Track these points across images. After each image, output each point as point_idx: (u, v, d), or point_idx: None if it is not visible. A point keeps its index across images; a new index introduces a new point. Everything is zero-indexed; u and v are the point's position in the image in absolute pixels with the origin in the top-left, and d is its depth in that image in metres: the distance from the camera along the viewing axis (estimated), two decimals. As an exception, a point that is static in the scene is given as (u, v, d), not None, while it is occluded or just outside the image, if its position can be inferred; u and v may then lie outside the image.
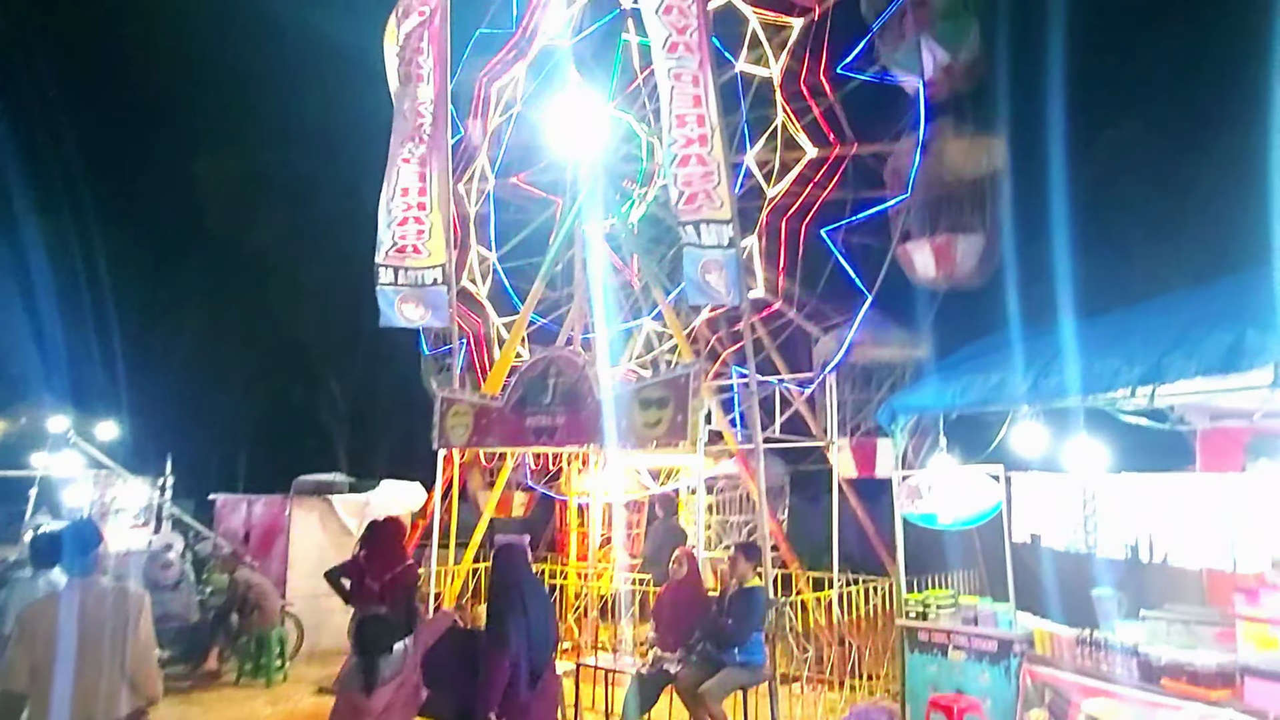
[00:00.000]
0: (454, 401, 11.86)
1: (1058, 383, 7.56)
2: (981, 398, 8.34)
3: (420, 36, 13.41)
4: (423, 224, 13.30)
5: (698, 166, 10.40)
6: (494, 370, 16.27)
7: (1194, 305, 7.53)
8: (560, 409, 10.64)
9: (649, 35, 10.84)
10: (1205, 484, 7.29)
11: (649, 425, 9.82)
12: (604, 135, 17.35)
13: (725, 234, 10.43)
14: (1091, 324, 8.65)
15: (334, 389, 38.15)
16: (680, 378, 9.75)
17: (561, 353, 11.23)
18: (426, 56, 13.40)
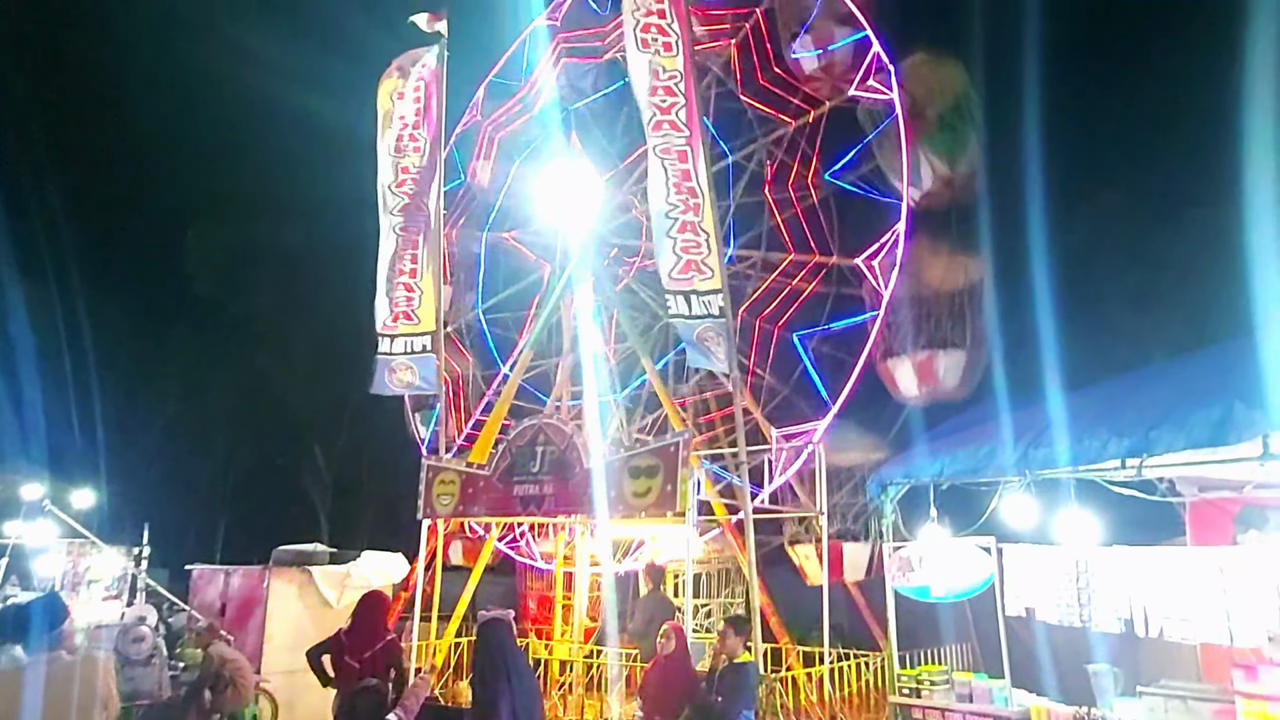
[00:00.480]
0: (440, 470, 11.74)
1: (1047, 454, 7.57)
2: (972, 467, 8.32)
3: (414, 110, 13.68)
4: (413, 291, 13.39)
5: (690, 236, 10.55)
6: (480, 438, 16.16)
7: (1179, 378, 7.60)
8: (549, 477, 10.56)
9: (640, 109, 11.10)
10: (1197, 557, 7.25)
11: (638, 494, 9.75)
12: (598, 205, 17.60)
13: (716, 303, 10.53)
14: (1079, 396, 8.71)
15: (318, 455, 37.72)
16: (670, 446, 9.72)
17: (550, 421, 11.19)
18: (421, 129, 13.66)
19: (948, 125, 16.37)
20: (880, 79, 16.42)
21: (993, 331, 16.31)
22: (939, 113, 16.39)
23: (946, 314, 16.57)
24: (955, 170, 16.31)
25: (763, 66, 18.38)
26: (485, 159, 20.94)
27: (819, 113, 17.71)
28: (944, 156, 16.22)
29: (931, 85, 16.47)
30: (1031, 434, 7.88)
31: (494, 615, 7.15)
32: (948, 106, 16.38)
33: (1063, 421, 7.63)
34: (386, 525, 30.94)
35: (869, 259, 16.58)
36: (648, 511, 9.74)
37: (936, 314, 16.50)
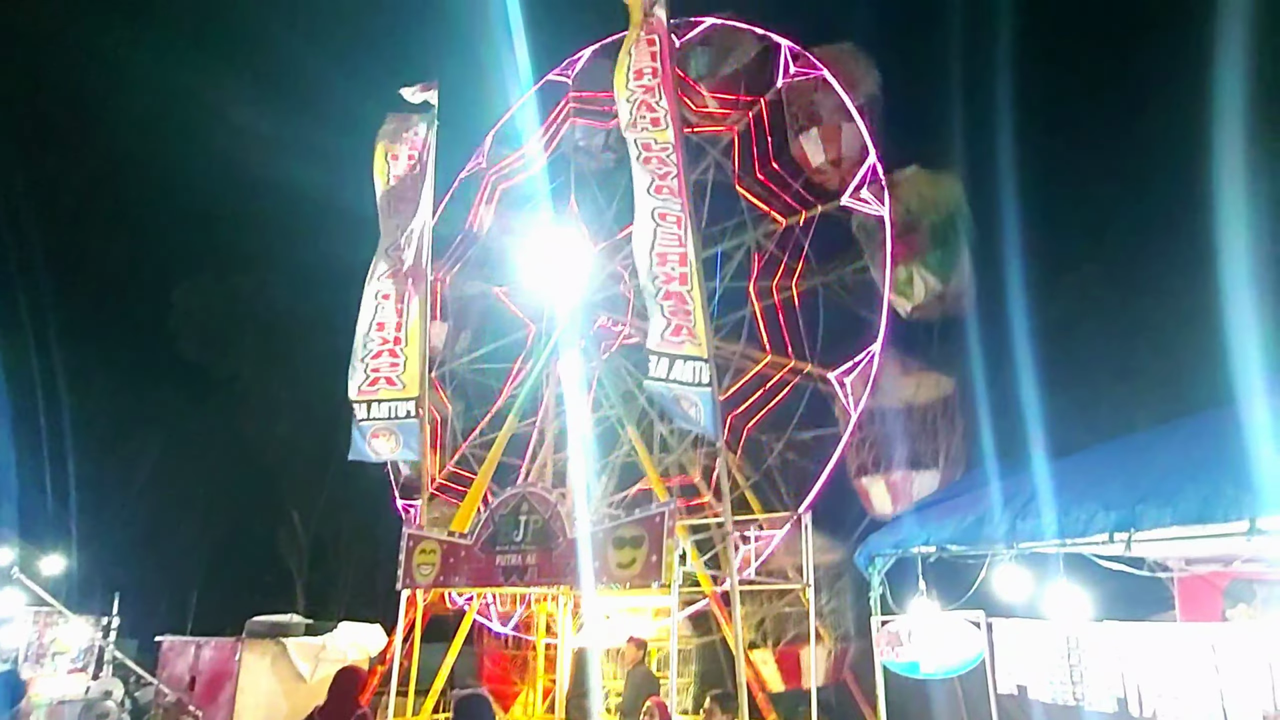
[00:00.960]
0: (421, 539, 11.52)
1: (1035, 526, 7.51)
2: (959, 537, 8.24)
3: (408, 174, 13.84)
4: (397, 358, 13.31)
5: (677, 304, 10.60)
6: (463, 506, 15.92)
7: (1164, 450, 7.60)
8: (532, 547, 10.37)
9: (634, 179, 11.25)
10: (1188, 634, 7.17)
11: (622, 565, 9.58)
12: (588, 273, 17.69)
13: (703, 371, 10.50)
14: (1065, 465, 8.69)
15: (295, 520, 37.04)
16: (655, 516, 9.59)
17: (534, 489, 11.04)
18: (416, 193, 13.79)
19: (941, 242, 16.48)
20: (874, 190, 16.62)
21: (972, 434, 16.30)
22: (933, 227, 16.50)
23: (921, 432, 16.59)
24: (947, 286, 16.46)
25: (761, 157, 18.72)
26: (487, 204, 21.06)
27: (810, 214, 17.88)
28: (937, 273, 16.35)
29: (926, 198, 16.65)
30: (1019, 504, 7.83)
31: (472, 692, 6.94)
32: (941, 220, 16.52)
33: (1049, 492, 7.59)
34: (364, 594, 30.26)
35: (842, 375, 16.46)
36: (632, 583, 9.56)
37: (911, 432, 16.49)
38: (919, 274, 16.27)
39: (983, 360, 16.74)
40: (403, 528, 12.00)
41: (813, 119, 17.60)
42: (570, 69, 20.30)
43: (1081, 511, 7.05)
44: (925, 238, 16.44)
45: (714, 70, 19.03)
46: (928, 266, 16.32)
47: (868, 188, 16.72)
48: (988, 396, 16.10)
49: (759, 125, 18.73)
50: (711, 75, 19.03)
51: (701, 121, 18.98)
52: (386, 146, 14.21)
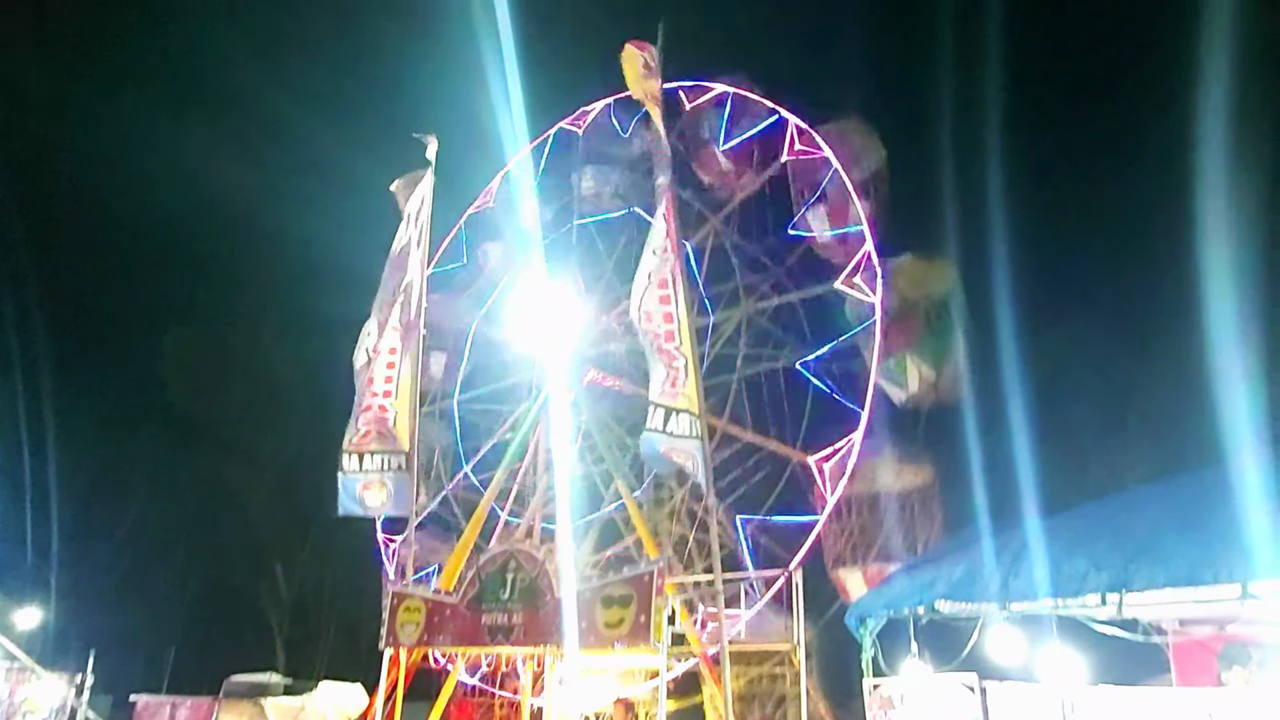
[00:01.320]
0: (405, 596, 11.35)
1: (1027, 585, 7.43)
2: (951, 594, 8.12)
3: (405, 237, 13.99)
4: (387, 411, 13.26)
5: (671, 359, 10.61)
6: (450, 562, 15.66)
7: (1154, 507, 7.56)
8: (518, 606, 10.24)
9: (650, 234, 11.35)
10: (1185, 699, 7.05)
11: (610, 625, 9.45)
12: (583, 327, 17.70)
13: (695, 426, 10.46)
14: (1055, 522, 8.62)
15: (278, 573, 36.40)
16: (644, 575, 9.49)
17: (522, 546, 10.91)
18: (413, 252, 13.92)
19: (935, 331, 16.45)
20: (866, 278, 16.61)
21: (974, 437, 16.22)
22: (927, 315, 16.49)
23: (899, 523, 16.48)
24: (941, 375, 16.39)
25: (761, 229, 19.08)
26: (494, 242, 21.19)
27: (804, 295, 18.00)
28: (930, 362, 16.30)
29: (920, 285, 16.65)
30: (1010, 563, 7.76)
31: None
32: (935, 308, 16.54)
33: (1041, 552, 7.52)
34: (346, 652, 29.62)
35: (821, 461, 16.24)
36: (620, 643, 9.39)
37: (889, 523, 16.37)
38: (913, 362, 16.21)
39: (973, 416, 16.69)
40: (384, 583, 11.80)
41: (820, 193, 17.62)
42: (581, 120, 20.57)
43: (1073, 571, 6.99)
44: (919, 325, 16.41)
45: (728, 132, 19.12)
46: (921, 355, 16.26)
47: (862, 273, 16.67)
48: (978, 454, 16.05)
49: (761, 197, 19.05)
50: (725, 137, 19.11)
51: (714, 181, 19.03)
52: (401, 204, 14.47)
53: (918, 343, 16.37)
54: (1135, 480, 21.80)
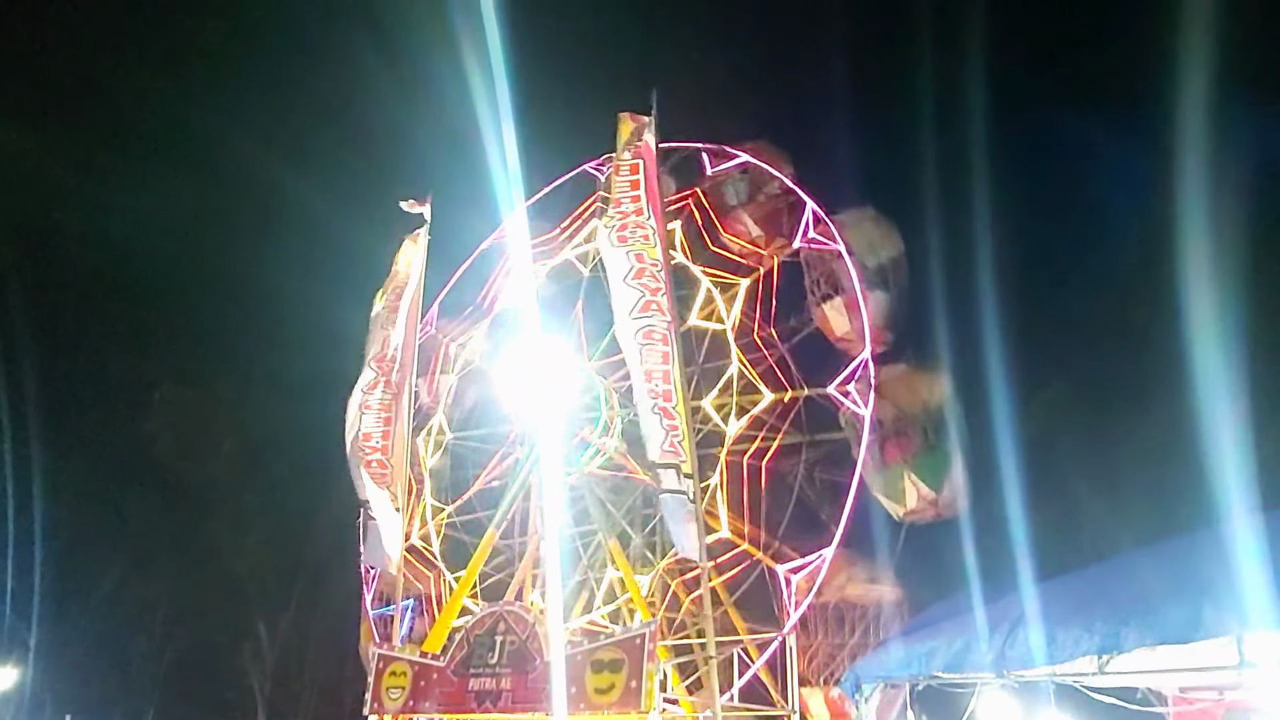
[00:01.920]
0: (391, 659, 11.12)
1: (1022, 652, 7.36)
2: (948, 663, 8.04)
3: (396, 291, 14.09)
4: (386, 469, 13.26)
5: (665, 419, 10.61)
6: (437, 624, 15.39)
7: (1147, 571, 7.53)
8: (507, 670, 10.05)
9: (614, 300, 11.41)
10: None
11: (600, 691, 9.27)
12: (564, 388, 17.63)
13: (689, 488, 10.43)
14: (1049, 586, 8.57)
15: (261, 633, 35.68)
16: (635, 638, 9.34)
17: (512, 608, 10.75)
18: (400, 310, 14.01)
19: (933, 446, 16.17)
20: (860, 388, 16.56)
21: None
22: (924, 429, 16.28)
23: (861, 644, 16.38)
24: (939, 492, 16.09)
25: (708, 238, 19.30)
26: (437, 375, 20.60)
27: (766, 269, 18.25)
28: (928, 479, 16.02)
29: (916, 395, 16.52)
30: (1005, 628, 7.70)
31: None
32: (933, 420, 16.34)
33: (1035, 617, 7.47)
34: (329, 716, 28.92)
35: (790, 571, 15.91)
36: (611, 709, 9.20)
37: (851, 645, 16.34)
38: (910, 479, 15.89)
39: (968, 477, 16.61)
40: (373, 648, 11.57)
41: (835, 287, 17.44)
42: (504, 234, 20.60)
43: (1067, 636, 6.93)
44: (917, 440, 16.13)
45: (752, 197, 19.21)
46: (919, 472, 15.94)
47: (856, 382, 16.62)
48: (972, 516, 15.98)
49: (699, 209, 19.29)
50: (749, 201, 19.20)
51: (743, 249, 19.10)
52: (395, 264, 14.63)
53: (915, 458, 16.04)
54: (1129, 541, 21.74)
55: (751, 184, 19.22)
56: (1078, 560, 18.40)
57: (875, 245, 17.53)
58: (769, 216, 18.98)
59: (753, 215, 18.97)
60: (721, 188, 19.34)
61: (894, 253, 17.75)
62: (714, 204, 19.37)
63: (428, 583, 18.33)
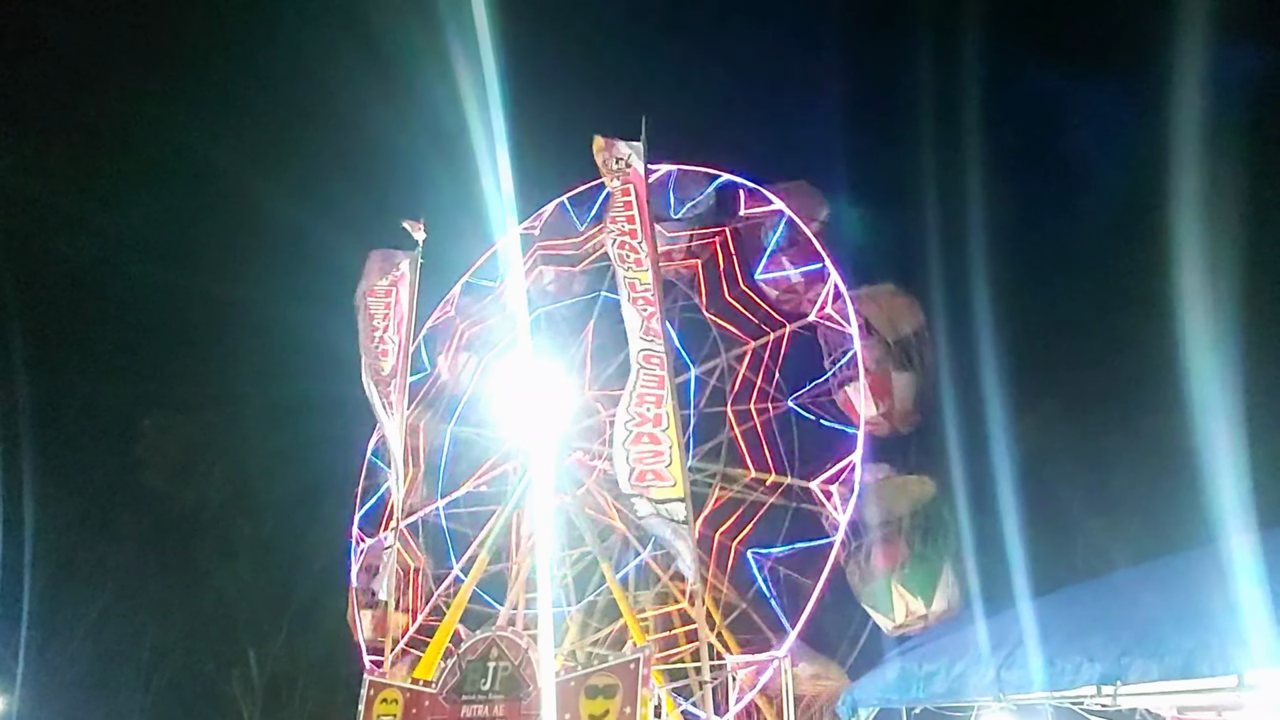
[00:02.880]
0: (383, 686, 11.00)
1: (1022, 678, 7.30)
2: (946, 690, 7.97)
3: (383, 313, 14.04)
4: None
5: (649, 446, 10.59)
6: (429, 650, 15.19)
7: (1148, 596, 7.49)
8: (500, 697, 9.93)
9: (625, 317, 11.48)
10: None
11: (595, 717, 9.16)
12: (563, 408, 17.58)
13: (680, 511, 10.38)
14: (1047, 608, 8.52)
15: (251, 659, 35.29)
16: (629, 663, 9.25)
17: (505, 634, 10.65)
18: (391, 332, 13.96)
19: (919, 556, 15.49)
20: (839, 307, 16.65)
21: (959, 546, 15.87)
22: (910, 536, 15.69)
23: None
24: (929, 606, 15.29)
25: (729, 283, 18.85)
26: (456, 353, 20.81)
27: (778, 335, 17.89)
28: (919, 592, 15.35)
29: (902, 499, 15.97)
30: (1003, 653, 7.64)
31: None
32: (919, 526, 15.72)
33: (1034, 642, 7.42)
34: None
35: (826, 483, 16.06)
36: (605, 736, 9.08)
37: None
38: (899, 592, 15.16)
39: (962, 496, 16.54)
40: (363, 674, 11.45)
41: (854, 366, 16.65)
42: (537, 221, 20.50)
43: (1067, 663, 6.88)
44: (903, 549, 15.42)
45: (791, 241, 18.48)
46: (907, 584, 15.19)
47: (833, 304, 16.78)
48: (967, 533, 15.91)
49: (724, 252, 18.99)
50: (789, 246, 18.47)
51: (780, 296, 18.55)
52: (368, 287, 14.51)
53: (902, 568, 15.31)
54: (1123, 558, 21.71)
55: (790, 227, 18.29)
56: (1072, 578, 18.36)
57: (895, 321, 16.99)
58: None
59: (793, 260, 18.02)
60: (759, 228, 18.50)
61: (916, 326, 17.16)
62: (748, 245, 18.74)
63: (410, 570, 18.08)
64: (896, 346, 16.83)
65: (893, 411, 16.40)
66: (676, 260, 19.32)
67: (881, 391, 16.32)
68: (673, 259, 19.16)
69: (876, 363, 16.54)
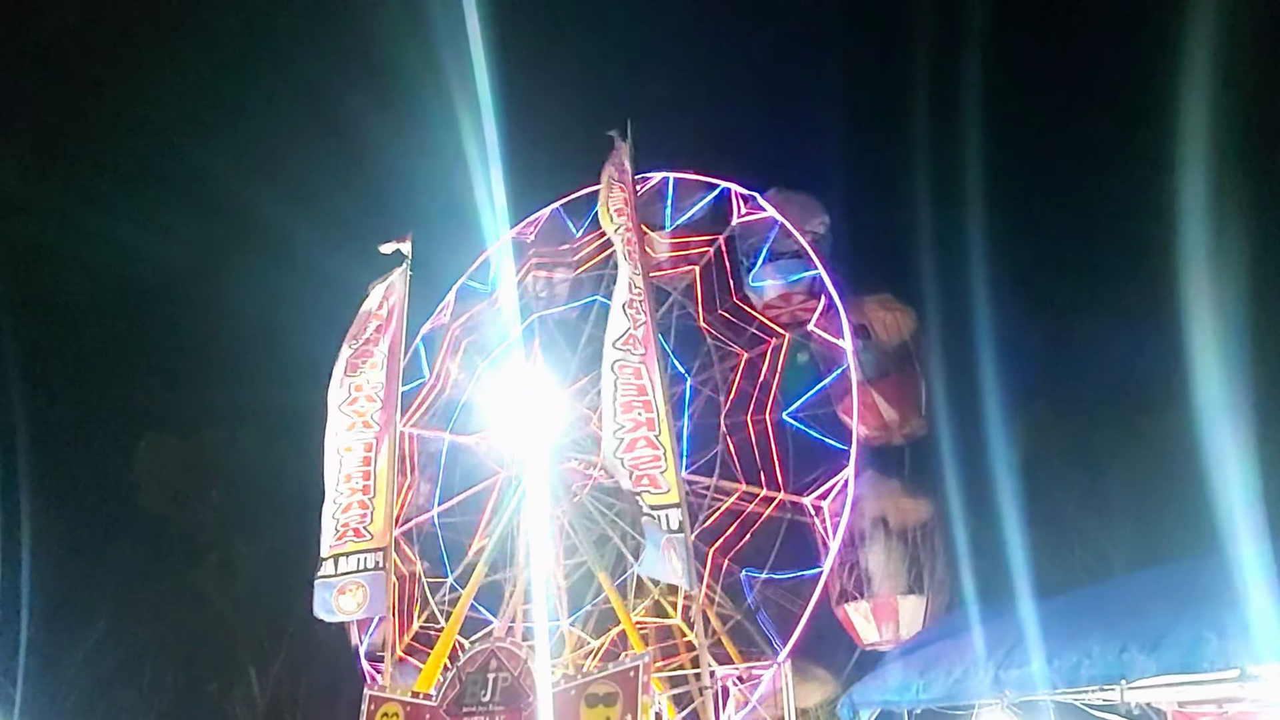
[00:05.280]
0: (383, 701, 10.95)
1: (1022, 675, 7.30)
2: (946, 692, 7.97)
3: (375, 327, 14.03)
4: (366, 508, 13.12)
5: (646, 450, 10.57)
6: (429, 662, 15.13)
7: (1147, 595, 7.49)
8: (500, 708, 9.89)
9: (609, 324, 11.45)
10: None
11: (595, 727, 9.10)
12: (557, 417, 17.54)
13: (675, 518, 10.36)
14: (1046, 608, 8.52)
15: (252, 678, 35.08)
16: (629, 671, 9.22)
17: (504, 645, 10.61)
18: (380, 346, 13.92)
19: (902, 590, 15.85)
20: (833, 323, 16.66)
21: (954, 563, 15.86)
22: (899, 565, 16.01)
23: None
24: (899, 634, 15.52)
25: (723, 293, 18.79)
26: (451, 358, 20.78)
27: (775, 344, 17.82)
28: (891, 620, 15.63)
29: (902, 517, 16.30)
30: (1002, 654, 7.65)
31: None
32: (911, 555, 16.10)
33: (1034, 641, 7.42)
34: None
35: (819, 499, 16.05)
36: (606, 745, 9.04)
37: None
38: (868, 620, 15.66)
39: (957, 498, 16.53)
40: (364, 689, 11.40)
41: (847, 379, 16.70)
42: (529, 228, 20.56)
43: (1065, 661, 6.88)
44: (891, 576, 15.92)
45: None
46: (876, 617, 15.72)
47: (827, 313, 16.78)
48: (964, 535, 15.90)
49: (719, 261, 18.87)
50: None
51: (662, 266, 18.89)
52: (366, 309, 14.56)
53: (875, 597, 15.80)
54: (1120, 560, 21.72)
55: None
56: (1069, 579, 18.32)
57: (891, 329, 17.18)
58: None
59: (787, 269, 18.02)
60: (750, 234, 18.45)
61: (912, 330, 17.40)
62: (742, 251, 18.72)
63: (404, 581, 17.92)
64: (896, 353, 16.94)
65: (897, 419, 16.47)
66: (667, 270, 19.23)
67: (893, 399, 16.41)
68: (663, 268, 19.09)
69: (877, 370, 16.68)
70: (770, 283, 17.51)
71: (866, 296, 17.52)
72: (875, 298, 17.36)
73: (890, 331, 17.05)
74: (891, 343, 16.95)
